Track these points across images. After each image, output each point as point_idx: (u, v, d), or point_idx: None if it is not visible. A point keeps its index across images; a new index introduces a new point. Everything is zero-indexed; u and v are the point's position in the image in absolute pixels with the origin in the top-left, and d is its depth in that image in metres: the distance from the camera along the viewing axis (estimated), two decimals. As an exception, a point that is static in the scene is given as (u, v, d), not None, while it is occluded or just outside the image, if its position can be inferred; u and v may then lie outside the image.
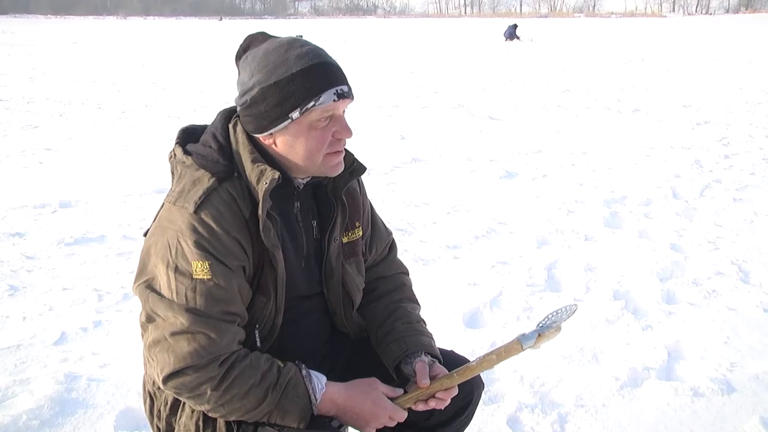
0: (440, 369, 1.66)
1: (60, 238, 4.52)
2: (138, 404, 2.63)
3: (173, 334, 1.43)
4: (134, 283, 1.53)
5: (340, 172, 1.59)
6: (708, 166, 6.87)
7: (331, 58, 1.53)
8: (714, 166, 6.87)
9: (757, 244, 4.58)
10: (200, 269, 1.44)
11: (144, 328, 1.49)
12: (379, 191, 5.73)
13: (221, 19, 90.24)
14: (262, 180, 1.48)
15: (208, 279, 1.44)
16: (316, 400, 1.52)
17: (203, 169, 1.50)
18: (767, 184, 6.16)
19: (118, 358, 3.01)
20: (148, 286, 1.48)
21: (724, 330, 3.33)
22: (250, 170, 1.51)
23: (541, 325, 1.61)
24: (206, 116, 1.68)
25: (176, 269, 1.44)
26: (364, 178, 1.81)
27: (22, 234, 4.65)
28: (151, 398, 1.66)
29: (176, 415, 1.59)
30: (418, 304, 1.90)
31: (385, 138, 8.20)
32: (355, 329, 1.80)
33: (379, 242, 1.89)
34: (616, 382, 2.85)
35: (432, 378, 1.62)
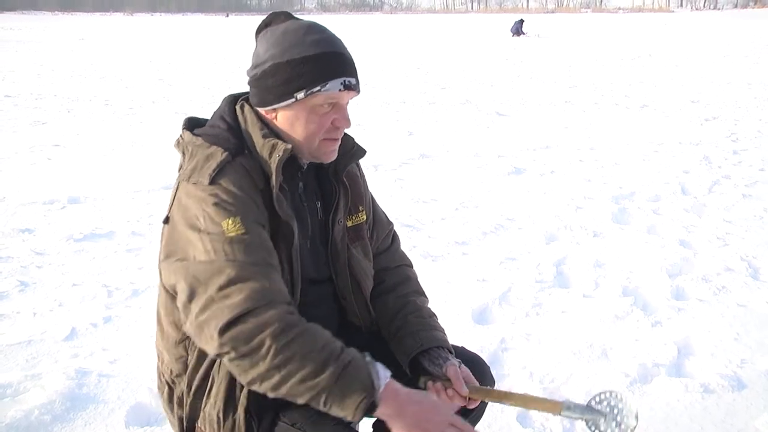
0: (466, 371, 1.66)
1: (69, 234, 4.53)
2: (149, 399, 2.64)
3: (221, 288, 1.38)
4: (162, 262, 1.51)
5: (332, 160, 1.62)
6: (717, 162, 6.84)
7: (345, 48, 1.57)
8: (723, 162, 6.85)
9: (767, 240, 4.56)
10: (231, 226, 1.42)
11: (186, 306, 1.42)
12: (387, 187, 5.72)
13: (228, 16, 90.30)
14: (274, 152, 1.51)
15: (242, 233, 1.42)
16: (379, 387, 1.39)
17: (215, 145, 1.51)
18: (777, 180, 6.13)
19: (128, 353, 3.02)
20: (181, 260, 1.45)
21: (734, 326, 3.32)
22: (262, 145, 1.53)
23: (589, 404, 1.50)
24: (212, 112, 1.69)
25: (208, 233, 1.42)
26: (371, 173, 1.82)
27: (32, 230, 4.66)
28: (169, 387, 1.65)
29: (201, 399, 1.57)
30: (427, 298, 1.91)
31: (392, 134, 8.19)
32: (366, 320, 1.80)
33: (380, 230, 1.90)
34: (625, 379, 2.85)
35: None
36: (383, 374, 1.41)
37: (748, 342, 3.17)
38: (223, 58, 20.22)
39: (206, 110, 1.75)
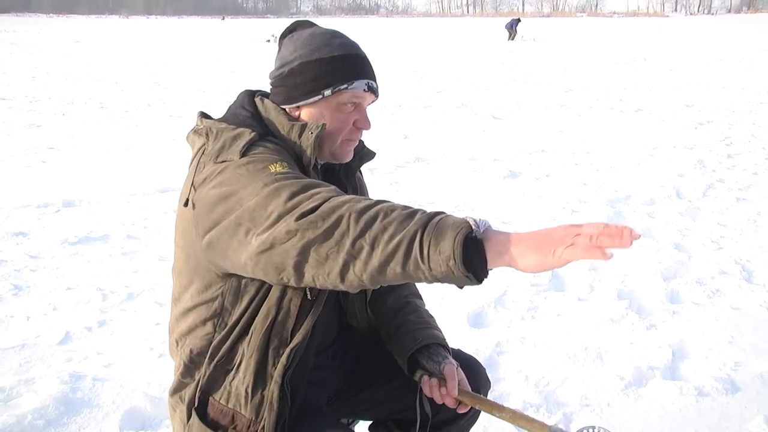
0: (462, 375, 1.67)
1: (64, 238, 4.52)
2: (144, 404, 2.63)
3: (288, 201, 1.27)
4: (206, 233, 1.39)
5: (348, 160, 1.65)
6: (711, 165, 6.86)
7: (366, 55, 1.62)
8: (717, 165, 6.87)
9: (761, 244, 4.58)
10: (279, 167, 1.36)
11: (243, 244, 1.31)
12: (383, 191, 5.72)
13: (224, 18, 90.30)
14: (306, 130, 1.51)
15: (289, 171, 1.36)
16: (476, 222, 1.19)
17: (241, 127, 1.49)
18: (771, 183, 6.15)
19: (122, 357, 3.01)
20: (231, 212, 1.33)
21: (729, 329, 3.33)
22: (289, 128, 1.53)
23: None
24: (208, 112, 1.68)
25: (256, 179, 1.33)
26: (367, 176, 1.84)
27: (26, 233, 4.65)
28: (186, 366, 1.56)
29: (221, 372, 1.51)
30: (423, 300, 1.93)
31: (388, 137, 8.20)
32: (363, 323, 1.81)
33: None
34: (620, 382, 2.85)
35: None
36: (483, 219, 1.22)
37: (742, 345, 3.18)
38: (219, 61, 20.22)
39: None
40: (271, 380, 1.49)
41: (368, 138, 1.71)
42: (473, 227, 1.18)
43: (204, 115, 1.60)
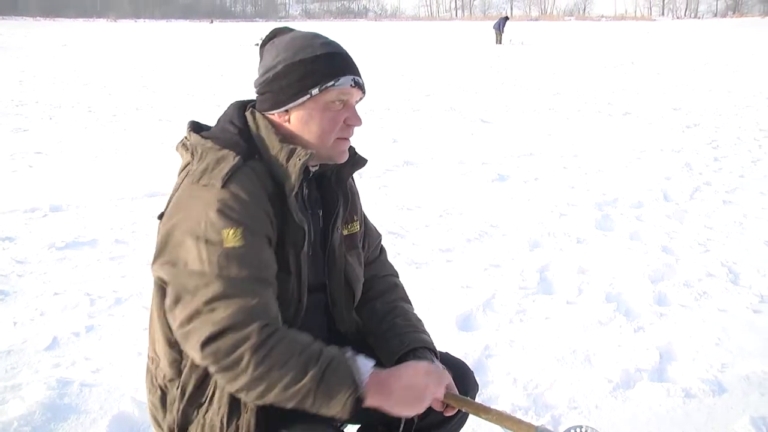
0: (448, 377, 1.66)
1: (51, 243, 4.50)
2: (132, 409, 2.62)
3: (208, 302, 1.40)
4: (153, 263, 1.50)
5: (345, 159, 1.66)
6: (698, 168, 6.91)
7: (349, 54, 1.64)
8: (704, 168, 6.92)
9: (747, 246, 4.61)
10: (231, 236, 1.43)
11: (171, 310, 1.45)
12: (372, 194, 5.73)
13: (212, 22, 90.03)
14: (294, 157, 1.53)
15: (240, 246, 1.43)
16: (362, 381, 1.44)
17: (226, 148, 1.51)
18: (756, 186, 6.21)
19: (110, 362, 3.00)
20: (172, 264, 1.46)
21: (715, 331, 3.35)
22: (278, 150, 1.54)
23: None
24: (198, 119, 1.68)
25: (206, 241, 1.42)
26: (356, 180, 1.84)
27: (13, 238, 4.62)
28: (162, 391, 1.62)
29: (193, 405, 1.56)
30: (412, 305, 1.93)
31: (377, 141, 8.21)
32: (352, 328, 1.81)
33: (371, 240, 1.93)
34: (608, 384, 2.86)
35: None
36: (365, 367, 1.46)
37: (728, 346, 3.20)
38: (207, 65, 20.17)
39: (190, 117, 1.73)
40: (245, 409, 1.52)
41: (357, 140, 1.71)
42: (359, 389, 1.42)
43: (193, 127, 1.61)
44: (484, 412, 1.60)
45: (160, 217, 1.54)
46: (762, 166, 7.02)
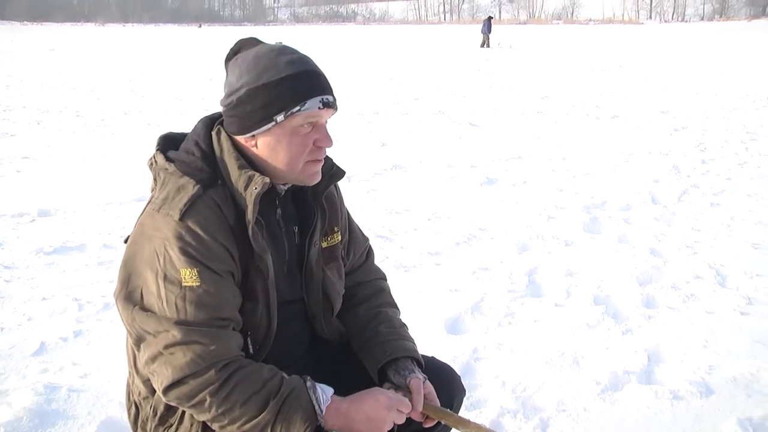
0: (429, 387, 1.67)
1: (39, 248, 4.47)
2: (120, 414, 2.61)
3: (167, 347, 1.43)
4: (117, 291, 1.51)
5: (317, 181, 1.60)
6: (686, 171, 6.95)
7: (318, 68, 1.55)
8: (691, 171, 6.96)
9: (734, 248, 4.64)
10: (189, 276, 1.44)
11: (137, 347, 1.50)
12: (360, 198, 5.73)
13: (200, 26, 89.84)
14: (251, 185, 1.49)
15: (197, 285, 1.44)
16: (321, 411, 1.49)
17: (187, 176, 1.49)
18: (743, 188, 6.25)
19: (98, 368, 2.99)
20: (132, 301, 1.48)
21: (703, 333, 3.37)
22: (237, 177, 1.51)
23: None
24: (186, 124, 1.68)
25: (165, 278, 1.44)
26: (344, 184, 1.82)
27: (0, 244, 4.59)
28: (136, 408, 1.65)
29: (164, 425, 1.58)
30: (399, 309, 1.92)
31: (365, 145, 8.21)
32: (335, 335, 1.81)
33: (356, 247, 1.90)
34: (597, 386, 2.88)
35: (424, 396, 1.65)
36: (324, 397, 1.51)
37: (716, 348, 3.22)
38: (196, 69, 20.12)
39: (179, 122, 1.74)
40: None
41: (345, 145, 1.71)
42: (317, 413, 1.48)
43: (162, 145, 1.59)
44: (463, 425, 1.60)
45: (126, 241, 1.56)
46: (749, 169, 7.08)
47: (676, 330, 3.42)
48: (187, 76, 17.92)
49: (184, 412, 1.55)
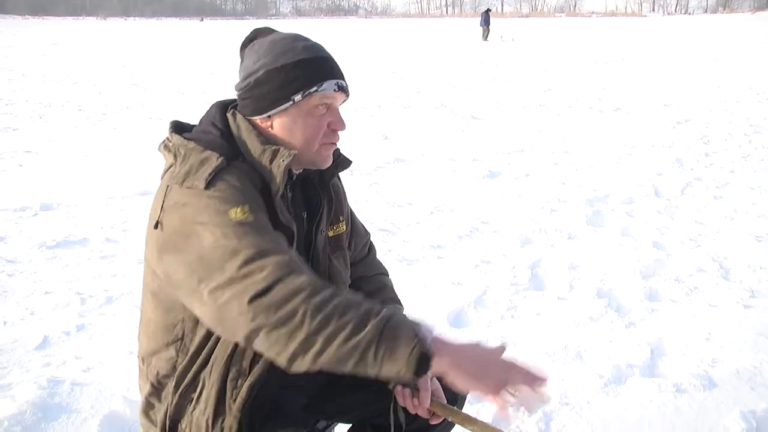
0: (436, 384, 1.67)
1: (41, 242, 4.48)
2: (123, 408, 2.61)
3: (241, 267, 1.32)
4: (157, 262, 1.45)
5: (328, 165, 1.62)
6: (689, 164, 6.94)
7: (331, 55, 1.59)
8: (695, 164, 6.94)
9: (738, 241, 4.63)
10: (239, 213, 1.38)
11: (194, 293, 1.36)
12: (363, 191, 5.73)
13: (202, 20, 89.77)
14: (277, 158, 1.49)
15: (252, 220, 1.38)
16: (427, 336, 1.29)
17: (209, 149, 1.48)
18: (746, 181, 6.23)
19: (101, 362, 2.99)
20: (184, 252, 1.38)
21: (706, 326, 3.37)
22: (260, 152, 1.51)
23: None
24: (188, 118, 1.67)
25: (216, 223, 1.37)
26: (347, 178, 1.82)
27: (3, 238, 4.60)
28: (153, 387, 1.59)
29: (186, 400, 1.53)
30: (402, 305, 1.91)
31: (368, 138, 8.21)
32: None
33: (358, 239, 1.90)
34: (600, 380, 2.87)
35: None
36: (427, 326, 1.33)
37: (719, 341, 3.22)
38: (197, 63, 20.12)
39: (181, 116, 1.73)
40: (230, 412, 1.50)
41: (347, 138, 1.70)
42: (424, 344, 1.28)
43: (175, 128, 1.58)
44: (469, 422, 1.60)
45: (156, 226, 1.47)
46: (752, 161, 7.05)
47: (679, 323, 3.41)
48: (189, 70, 17.90)
49: (201, 391, 1.50)
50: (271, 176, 1.50)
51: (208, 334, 1.48)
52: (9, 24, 60.74)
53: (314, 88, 1.51)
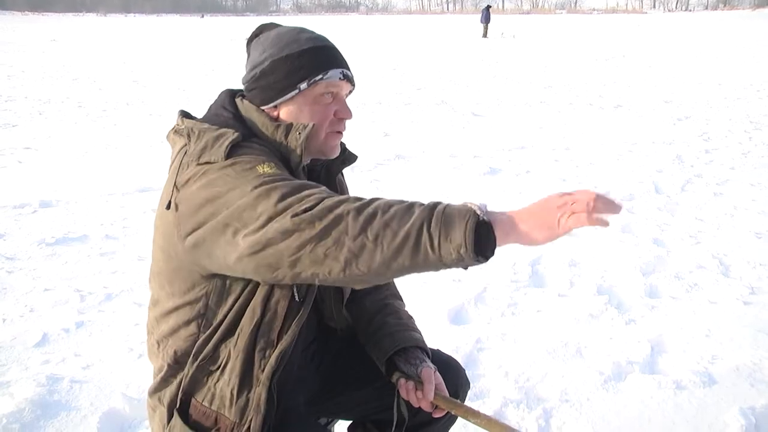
0: (439, 378, 1.68)
1: (41, 239, 4.47)
2: (122, 405, 2.61)
3: (279, 201, 1.27)
4: (185, 235, 1.38)
5: (336, 155, 1.63)
6: (689, 161, 6.93)
7: (337, 47, 1.61)
8: (695, 161, 6.93)
9: (738, 238, 4.62)
10: (266, 167, 1.35)
11: (229, 243, 1.31)
12: (363, 188, 5.72)
13: (203, 16, 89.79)
14: (293, 131, 1.49)
15: (279, 172, 1.36)
16: (481, 207, 1.24)
17: (224, 127, 1.46)
18: (746, 178, 6.22)
19: (101, 359, 2.99)
20: (214, 215, 1.32)
21: (706, 323, 3.36)
22: (273, 130, 1.50)
23: None
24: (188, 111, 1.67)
25: (244, 181, 1.32)
26: (348, 174, 1.83)
27: (2, 235, 4.59)
28: (170, 366, 1.54)
29: (204, 372, 1.49)
30: (403, 302, 1.92)
31: (368, 135, 8.20)
32: (342, 323, 1.80)
33: None
34: (600, 377, 2.87)
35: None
36: (478, 203, 1.26)
37: (719, 338, 3.21)
38: (198, 60, 20.08)
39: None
40: (257, 382, 1.47)
41: (348, 135, 1.70)
42: (479, 213, 1.22)
43: (185, 115, 1.57)
44: (472, 415, 1.60)
45: (168, 206, 1.41)
46: (752, 158, 7.05)
47: (679, 320, 3.41)
48: (190, 67, 17.87)
49: (226, 362, 1.46)
50: (288, 150, 1.49)
51: (233, 305, 1.45)
52: (8, 20, 60.69)
53: (319, 76, 1.52)
